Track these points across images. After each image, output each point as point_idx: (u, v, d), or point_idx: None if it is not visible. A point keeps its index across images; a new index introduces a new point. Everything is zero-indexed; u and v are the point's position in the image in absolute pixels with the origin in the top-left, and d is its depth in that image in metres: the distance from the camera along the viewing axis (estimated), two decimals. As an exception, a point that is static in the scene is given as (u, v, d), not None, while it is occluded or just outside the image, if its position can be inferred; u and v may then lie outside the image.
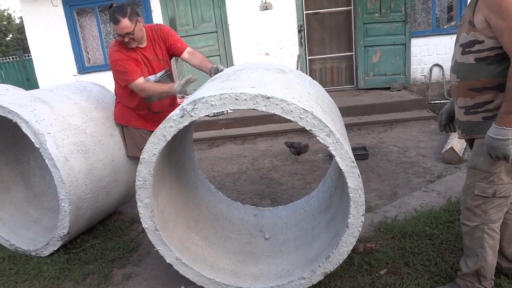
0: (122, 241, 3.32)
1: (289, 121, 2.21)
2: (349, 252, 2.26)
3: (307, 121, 2.01)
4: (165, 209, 2.58)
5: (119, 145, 3.39)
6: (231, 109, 2.07)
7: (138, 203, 2.33)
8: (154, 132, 2.20)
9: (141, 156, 2.23)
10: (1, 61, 14.16)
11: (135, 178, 3.12)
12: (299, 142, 5.04)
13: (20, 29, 26.92)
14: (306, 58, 7.89)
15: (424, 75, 7.83)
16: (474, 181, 2.09)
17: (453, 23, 7.78)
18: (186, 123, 2.13)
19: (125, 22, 2.92)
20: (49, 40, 7.91)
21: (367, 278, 2.51)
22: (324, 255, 2.33)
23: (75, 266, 3.01)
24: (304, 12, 7.73)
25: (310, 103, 2.12)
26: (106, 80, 7.67)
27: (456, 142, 4.61)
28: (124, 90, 3.21)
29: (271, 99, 2.00)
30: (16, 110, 2.87)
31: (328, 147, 2.06)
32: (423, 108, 6.72)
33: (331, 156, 4.99)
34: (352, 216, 2.17)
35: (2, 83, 12.81)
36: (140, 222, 3.60)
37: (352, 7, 7.66)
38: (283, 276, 2.49)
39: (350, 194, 2.12)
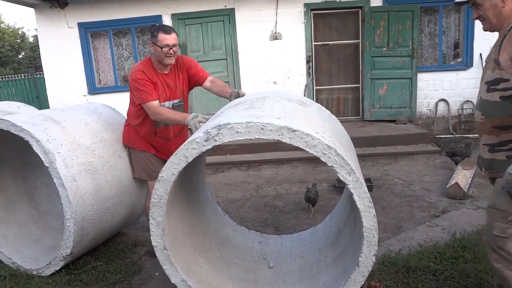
0: (124, 263, 3.31)
1: (294, 149, 2.24)
2: None
3: (330, 157, 2.02)
4: (175, 229, 2.56)
5: (126, 167, 3.42)
6: (256, 137, 2.07)
7: (151, 221, 2.32)
8: (175, 152, 2.20)
9: (160, 175, 2.24)
10: (13, 78, 14.42)
11: (140, 199, 3.14)
12: (313, 190, 4.25)
13: (33, 47, 27.55)
14: (313, 88, 8.00)
15: (430, 110, 7.90)
16: (493, 220, 2.05)
17: (459, 60, 7.90)
18: (209, 147, 2.12)
19: (175, 34, 3.09)
20: (62, 60, 8.07)
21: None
22: None
23: (76, 288, 3.00)
24: (313, 43, 7.89)
25: (332, 139, 2.13)
26: (116, 101, 7.82)
27: (461, 178, 4.61)
28: (136, 111, 3.23)
29: (296, 132, 2.01)
30: (28, 128, 2.92)
31: (347, 185, 2.06)
32: (428, 142, 6.76)
33: (335, 187, 4.99)
34: (363, 255, 2.16)
35: (13, 100, 13.02)
36: (143, 245, 3.64)
37: (360, 40, 7.82)
38: None
39: (364, 233, 2.12)
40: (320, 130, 2.16)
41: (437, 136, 7.50)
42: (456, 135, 7.46)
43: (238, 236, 3.25)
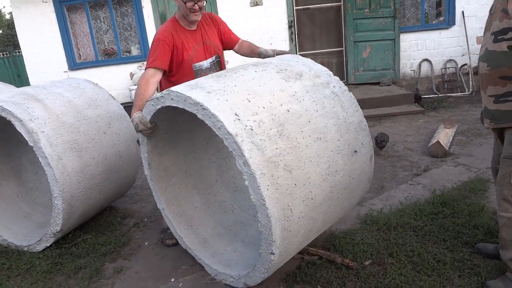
0: (113, 235, 3.38)
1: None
2: (263, 278, 2.29)
3: (229, 143, 2.00)
4: (172, 166, 2.89)
5: (112, 143, 3.42)
6: (182, 107, 2.17)
7: (141, 154, 2.74)
8: (145, 106, 2.47)
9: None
10: (-9, 57, 14.07)
11: (127, 174, 3.19)
12: (382, 134, 4.79)
13: (11, 24, 26.64)
14: (296, 53, 7.94)
15: (414, 70, 7.92)
16: (510, 170, 2.10)
17: (441, 19, 7.87)
18: (159, 107, 2.34)
19: None
20: (39, 36, 7.86)
21: (351, 268, 2.59)
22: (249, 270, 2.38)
23: (67, 261, 3.06)
24: (295, 8, 7.77)
25: (255, 125, 2.03)
26: (97, 76, 7.73)
27: (443, 136, 4.70)
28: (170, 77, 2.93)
29: (205, 110, 2.03)
30: (10, 108, 2.89)
31: (243, 175, 2.01)
32: (411, 102, 6.82)
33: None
34: (262, 250, 2.15)
35: (-7, 79, 12.75)
36: (131, 217, 3.71)
37: (341, 3, 7.73)
38: (227, 266, 2.62)
39: (260, 229, 2.08)
40: (251, 112, 2.07)
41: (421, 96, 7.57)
42: (440, 95, 7.53)
43: None
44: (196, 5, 2.74)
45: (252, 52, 3.05)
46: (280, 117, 2.15)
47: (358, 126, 2.49)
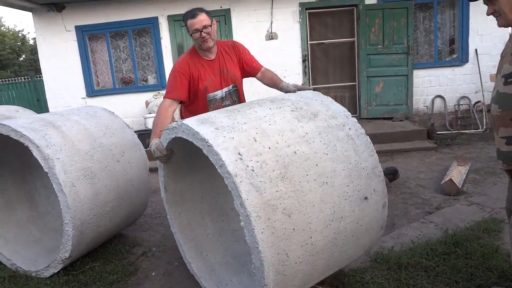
0: (121, 264, 3.36)
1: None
2: None
3: (229, 182, 1.98)
4: (188, 191, 2.94)
5: (125, 171, 3.45)
6: (191, 140, 2.19)
7: (159, 178, 2.82)
8: (162, 134, 2.54)
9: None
10: (13, 81, 14.49)
11: (138, 202, 3.20)
12: (391, 168, 4.91)
13: (33, 50, 27.59)
14: (309, 87, 8.03)
15: (427, 106, 7.94)
16: None
17: (455, 56, 7.93)
18: (173, 136, 2.39)
19: (203, 15, 2.82)
20: (60, 63, 8.13)
21: (361, 309, 2.53)
22: None
23: (74, 288, 3.05)
24: (309, 42, 7.93)
25: (257, 165, 2.00)
26: (114, 103, 7.90)
27: (456, 174, 4.65)
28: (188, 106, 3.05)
29: (210, 147, 2.03)
30: (28, 134, 2.96)
31: (240, 216, 1.98)
32: (424, 138, 6.80)
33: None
34: None
35: (13, 103, 13.09)
36: (140, 246, 3.69)
37: (355, 39, 7.86)
38: None
39: (253, 271, 2.03)
40: (255, 152, 2.04)
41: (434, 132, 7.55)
42: (453, 131, 7.50)
43: None
44: (202, 33, 2.81)
45: (274, 84, 3.06)
46: (285, 159, 2.08)
47: (371, 172, 2.36)
